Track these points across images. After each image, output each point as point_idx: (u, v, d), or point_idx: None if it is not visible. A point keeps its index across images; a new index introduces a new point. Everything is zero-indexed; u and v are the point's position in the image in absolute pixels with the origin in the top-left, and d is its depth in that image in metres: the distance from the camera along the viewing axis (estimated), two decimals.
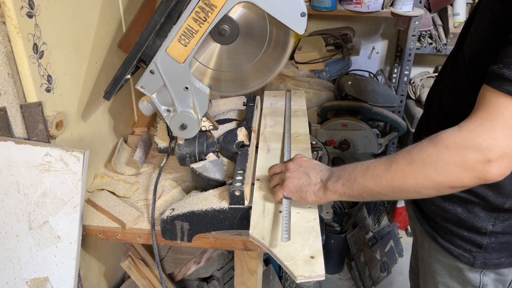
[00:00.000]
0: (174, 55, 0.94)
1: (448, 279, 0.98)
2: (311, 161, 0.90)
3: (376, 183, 0.77)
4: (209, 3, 0.89)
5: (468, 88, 0.81)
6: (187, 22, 0.90)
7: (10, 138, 0.93)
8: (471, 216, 0.89)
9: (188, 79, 0.97)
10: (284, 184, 0.87)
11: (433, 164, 0.71)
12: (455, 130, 0.71)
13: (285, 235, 0.78)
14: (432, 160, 0.71)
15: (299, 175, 0.87)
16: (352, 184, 0.80)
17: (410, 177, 0.74)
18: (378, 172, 0.77)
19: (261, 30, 0.97)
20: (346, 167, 0.83)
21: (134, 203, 1.10)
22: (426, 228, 0.99)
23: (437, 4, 2.09)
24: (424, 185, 0.73)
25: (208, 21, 0.90)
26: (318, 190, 0.84)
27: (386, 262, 2.14)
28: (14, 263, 0.97)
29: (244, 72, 1.04)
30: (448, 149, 0.70)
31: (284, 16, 0.91)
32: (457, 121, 0.72)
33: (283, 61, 1.02)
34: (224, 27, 0.95)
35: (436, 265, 0.99)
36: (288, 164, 0.90)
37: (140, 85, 0.98)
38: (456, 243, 0.92)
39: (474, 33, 0.83)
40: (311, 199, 0.85)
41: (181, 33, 0.91)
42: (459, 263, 0.94)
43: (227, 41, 0.98)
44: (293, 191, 0.86)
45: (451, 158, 0.70)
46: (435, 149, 0.71)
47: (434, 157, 0.71)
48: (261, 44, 0.99)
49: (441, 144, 0.71)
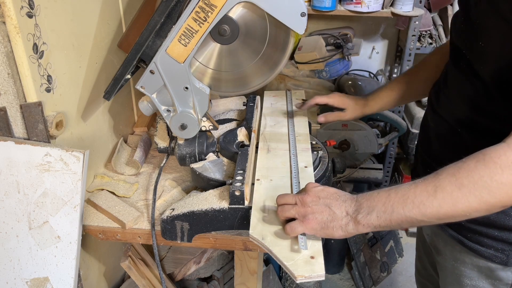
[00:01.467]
0: (174, 55, 0.94)
1: (477, 281, 0.94)
2: (327, 190, 0.80)
3: (420, 212, 0.71)
4: (209, 3, 0.89)
5: (490, 103, 0.79)
6: (187, 22, 0.90)
7: (10, 138, 0.93)
8: (501, 216, 0.85)
9: (188, 79, 0.97)
10: (306, 221, 0.77)
11: (487, 186, 0.68)
12: (506, 149, 0.68)
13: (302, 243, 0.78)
14: (485, 183, 0.68)
15: (321, 209, 0.77)
16: (390, 216, 0.73)
17: (461, 202, 0.69)
18: (421, 200, 0.71)
19: (261, 30, 0.97)
20: (375, 195, 0.76)
21: (134, 203, 1.10)
22: (450, 233, 0.95)
23: (437, 4, 2.09)
24: (477, 209, 0.69)
25: (208, 21, 0.90)
26: (347, 225, 0.76)
27: (386, 262, 2.14)
28: (14, 263, 0.97)
29: (244, 72, 1.04)
30: (502, 169, 0.67)
31: (284, 16, 0.91)
32: (483, 135, 0.70)
33: (283, 61, 1.01)
34: (224, 27, 0.95)
35: (462, 269, 0.95)
36: (304, 197, 0.80)
37: (140, 85, 0.98)
38: (487, 243, 0.89)
39: (489, 50, 0.80)
40: (339, 235, 0.77)
41: (181, 33, 0.91)
42: (490, 263, 0.90)
43: (227, 41, 0.98)
44: (317, 229, 0.77)
45: (506, 179, 0.67)
46: (488, 171, 0.68)
47: (487, 179, 0.68)
48: (261, 44, 0.99)
49: (493, 164, 0.67)
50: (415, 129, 2.10)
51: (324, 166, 1.09)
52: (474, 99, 0.85)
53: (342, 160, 1.16)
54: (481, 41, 0.80)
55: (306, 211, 0.78)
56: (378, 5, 1.84)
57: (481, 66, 0.82)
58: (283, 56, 1.00)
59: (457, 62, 0.91)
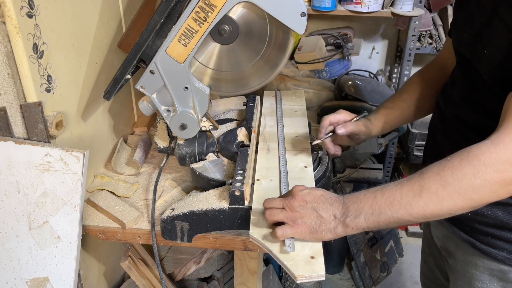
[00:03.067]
0: (174, 55, 0.94)
1: (488, 284, 0.93)
2: (314, 193, 0.81)
3: (407, 213, 0.72)
4: (209, 3, 0.88)
5: (498, 106, 0.79)
6: (187, 22, 0.90)
7: (10, 138, 0.93)
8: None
9: (188, 79, 0.97)
10: (296, 226, 0.78)
11: (471, 184, 0.68)
12: (489, 146, 0.68)
13: (289, 245, 0.78)
14: (469, 180, 0.68)
15: (309, 213, 0.78)
16: (377, 218, 0.74)
17: (447, 201, 0.70)
18: (407, 201, 0.72)
19: (261, 30, 0.97)
20: (361, 197, 0.77)
21: (134, 203, 1.10)
22: (461, 236, 0.94)
23: (437, 4, 2.09)
24: (462, 207, 0.70)
25: (208, 21, 0.90)
26: (335, 228, 0.77)
27: (386, 262, 2.14)
28: (14, 263, 0.97)
29: (244, 72, 1.04)
30: (486, 167, 0.67)
31: (284, 16, 0.91)
32: (485, 135, 0.70)
33: (283, 61, 1.01)
34: (224, 27, 0.95)
35: (474, 271, 0.94)
36: (291, 201, 0.80)
37: (140, 85, 0.98)
38: (499, 246, 0.88)
39: (490, 52, 0.80)
40: (328, 237, 0.78)
41: (181, 33, 0.91)
42: (503, 266, 0.89)
43: (227, 41, 0.98)
44: (306, 233, 0.78)
45: (490, 176, 0.67)
46: (472, 168, 0.68)
47: (471, 176, 0.68)
48: (261, 44, 0.99)
49: (477, 161, 0.68)
50: (415, 129, 2.10)
51: (324, 166, 1.09)
52: (482, 103, 0.84)
53: (342, 160, 1.16)
54: (486, 50, 0.80)
55: (295, 216, 0.79)
56: (378, 5, 1.84)
57: (488, 73, 0.81)
58: (283, 56, 1.00)
59: (464, 69, 0.91)
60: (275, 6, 0.90)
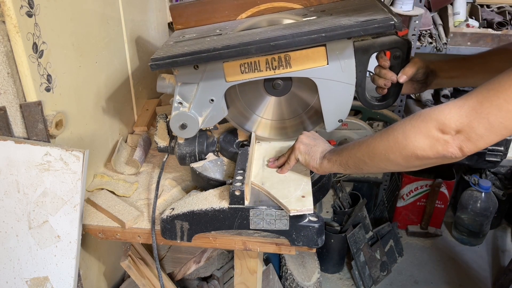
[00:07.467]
0: (226, 71, 0.96)
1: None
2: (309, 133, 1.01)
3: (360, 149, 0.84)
4: (288, 60, 0.93)
5: None
6: (259, 58, 0.94)
7: (9, 137, 0.93)
8: None
9: (220, 96, 1.00)
10: (295, 146, 0.97)
11: (403, 127, 0.76)
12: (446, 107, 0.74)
13: None
14: (404, 124, 0.77)
15: (310, 140, 0.97)
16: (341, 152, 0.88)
17: (384, 140, 0.79)
18: (364, 140, 0.85)
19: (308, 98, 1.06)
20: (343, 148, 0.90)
21: (133, 203, 1.10)
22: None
23: (437, 4, 2.09)
24: (392, 148, 0.78)
25: (275, 72, 0.95)
26: (320, 158, 0.93)
27: (386, 261, 2.14)
28: (14, 262, 0.97)
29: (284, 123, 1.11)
30: (419, 117, 0.75)
31: (327, 112, 1.01)
32: None
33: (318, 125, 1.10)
34: (278, 81, 1.01)
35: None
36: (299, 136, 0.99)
37: (177, 69, 0.97)
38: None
39: None
40: (313, 165, 0.94)
41: (248, 61, 0.94)
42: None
43: (277, 94, 1.05)
44: (303, 152, 0.96)
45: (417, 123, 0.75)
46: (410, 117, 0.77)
47: (407, 122, 0.76)
48: (305, 106, 1.08)
49: (419, 113, 0.76)
50: None
51: None
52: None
53: None
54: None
55: (297, 140, 0.98)
56: None
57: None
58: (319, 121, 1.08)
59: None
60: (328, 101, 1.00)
